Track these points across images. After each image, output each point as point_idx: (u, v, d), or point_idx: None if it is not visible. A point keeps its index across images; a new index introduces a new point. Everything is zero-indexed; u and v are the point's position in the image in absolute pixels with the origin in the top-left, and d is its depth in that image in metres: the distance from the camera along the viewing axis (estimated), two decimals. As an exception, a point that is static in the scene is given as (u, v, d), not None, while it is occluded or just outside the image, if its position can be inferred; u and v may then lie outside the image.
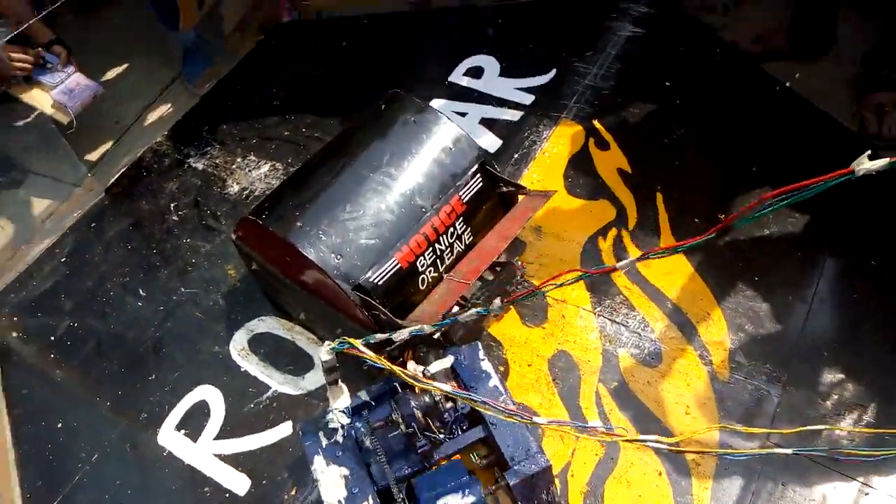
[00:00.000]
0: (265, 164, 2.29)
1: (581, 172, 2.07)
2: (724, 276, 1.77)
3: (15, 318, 2.03)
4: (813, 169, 1.92)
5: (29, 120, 2.21)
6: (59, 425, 1.77)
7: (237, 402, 1.74)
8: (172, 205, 2.23)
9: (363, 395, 1.40)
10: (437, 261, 1.60)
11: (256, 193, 2.20)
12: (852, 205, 1.84)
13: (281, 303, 1.86)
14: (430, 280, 1.60)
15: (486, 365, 1.42)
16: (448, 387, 1.12)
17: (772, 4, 2.42)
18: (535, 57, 2.40)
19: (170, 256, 2.09)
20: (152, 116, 2.61)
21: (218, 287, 1.99)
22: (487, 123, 2.24)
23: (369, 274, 1.49)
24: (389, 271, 1.52)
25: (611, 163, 2.08)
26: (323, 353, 1.23)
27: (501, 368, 1.68)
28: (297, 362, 1.79)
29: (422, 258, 1.56)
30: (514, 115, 2.25)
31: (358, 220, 1.53)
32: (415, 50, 2.58)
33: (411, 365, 1.38)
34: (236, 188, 2.24)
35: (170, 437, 1.70)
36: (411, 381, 1.10)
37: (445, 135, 1.66)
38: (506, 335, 1.75)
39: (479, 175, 1.65)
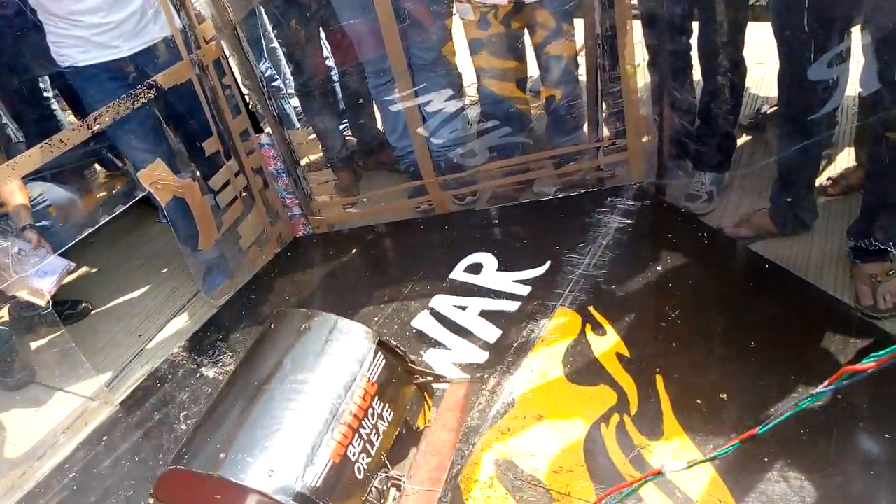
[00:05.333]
0: (273, 368, 2.34)
1: (580, 359, 2.07)
2: (732, 459, 1.69)
3: (17, 540, 2.00)
4: (810, 343, 1.92)
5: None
6: None
7: None
8: (182, 414, 2.26)
9: None
10: (367, 445, 1.61)
11: (263, 398, 2.23)
12: None
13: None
14: (364, 467, 1.59)
15: None
16: None
17: (753, 187, 2.55)
18: (529, 252, 2.52)
19: (174, 467, 2.08)
20: (172, 329, 2.74)
21: None
22: (487, 315, 2.31)
23: (305, 479, 1.47)
24: (324, 470, 1.51)
25: (609, 347, 2.09)
26: None
27: (504, 572, 1.58)
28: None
29: (351, 447, 1.57)
30: (512, 306, 2.32)
31: (279, 433, 1.53)
32: (418, 252, 2.74)
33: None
34: (244, 394, 2.28)
35: None
36: None
37: (338, 329, 1.74)
38: (508, 534, 1.66)
39: (380, 353, 1.74)
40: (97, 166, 3.51)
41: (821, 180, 2.45)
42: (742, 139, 2.82)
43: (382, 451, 1.65)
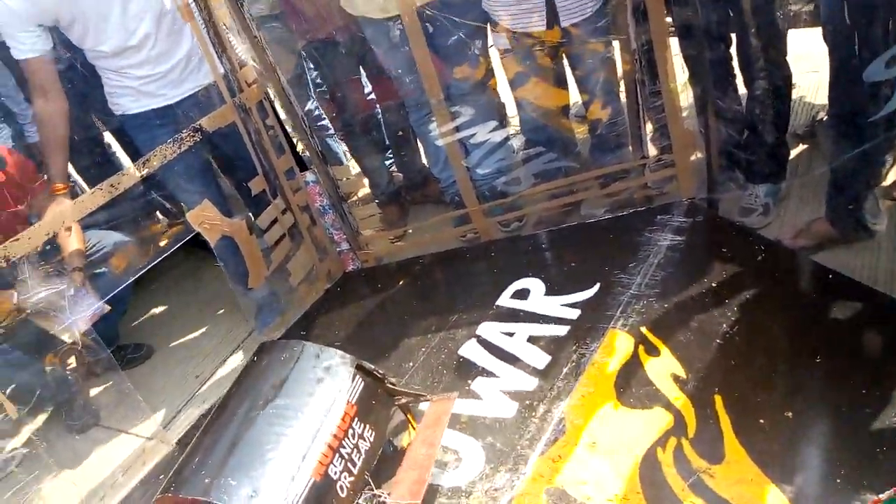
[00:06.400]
0: (322, 402, 2.34)
1: (633, 381, 1.98)
2: (801, 480, 1.57)
3: (76, 579, 2.03)
4: (881, 353, 1.79)
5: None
6: None
7: None
8: (234, 451, 2.27)
9: None
10: (349, 464, 1.67)
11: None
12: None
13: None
14: (347, 486, 1.64)
15: None
16: None
17: (811, 196, 2.43)
18: (577, 274, 2.46)
19: None
20: (228, 368, 2.78)
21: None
22: (535, 341, 2.24)
23: (287, 498, 1.54)
24: (305, 488, 1.57)
25: (663, 369, 1.99)
26: None
27: None
28: None
29: (332, 466, 1.63)
30: (561, 331, 2.25)
31: (262, 456, 1.61)
32: (465, 281, 2.71)
33: None
34: (294, 429, 2.27)
35: None
36: None
37: (317, 357, 1.83)
38: (561, 567, 1.57)
39: (358, 376, 1.82)
40: (159, 215, 3.64)
41: (886, 184, 2.32)
42: (798, 148, 2.70)
43: (365, 469, 1.72)
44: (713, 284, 2.21)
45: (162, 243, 3.29)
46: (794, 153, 2.60)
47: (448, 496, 1.86)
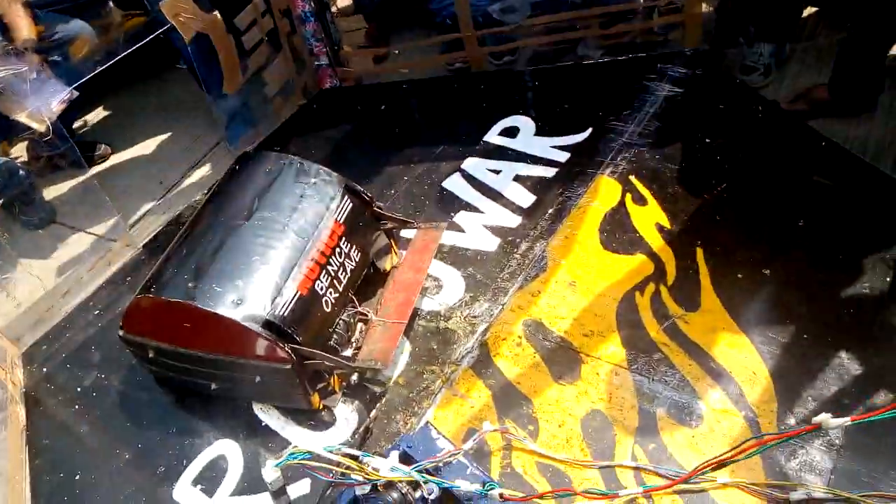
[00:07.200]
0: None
1: (617, 227, 2.01)
2: (770, 333, 1.66)
3: (45, 369, 2.03)
4: (862, 222, 1.84)
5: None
6: (77, 477, 1.72)
7: (255, 457, 1.67)
8: (206, 259, 2.23)
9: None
10: (334, 281, 1.69)
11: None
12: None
13: (188, 384, 1.76)
14: (332, 301, 1.67)
15: (443, 443, 1.37)
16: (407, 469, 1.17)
17: (814, 62, 2.38)
18: (570, 117, 2.40)
19: (199, 310, 2.07)
20: (194, 177, 2.67)
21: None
22: (521, 180, 2.22)
23: (273, 309, 1.54)
24: (292, 301, 1.58)
25: (648, 218, 2.01)
26: (268, 472, 1.25)
27: (531, 427, 1.58)
28: (317, 418, 1.72)
29: (318, 281, 1.64)
30: (548, 172, 2.22)
31: (247, 266, 1.60)
32: (451, 112, 2.62)
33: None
34: (269, 244, 2.24)
35: (186, 492, 1.64)
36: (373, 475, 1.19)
37: (305, 171, 1.80)
38: (536, 392, 1.65)
39: (346, 197, 1.79)
40: (111, 4, 3.30)
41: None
42: (805, 12, 2.60)
43: (349, 288, 1.74)
44: (706, 140, 2.20)
45: (122, 36, 3.01)
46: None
47: (427, 319, 1.90)
